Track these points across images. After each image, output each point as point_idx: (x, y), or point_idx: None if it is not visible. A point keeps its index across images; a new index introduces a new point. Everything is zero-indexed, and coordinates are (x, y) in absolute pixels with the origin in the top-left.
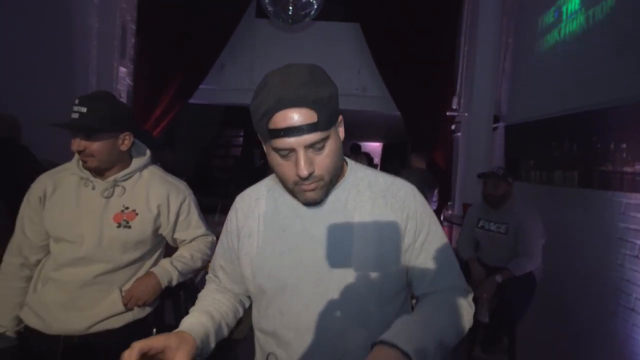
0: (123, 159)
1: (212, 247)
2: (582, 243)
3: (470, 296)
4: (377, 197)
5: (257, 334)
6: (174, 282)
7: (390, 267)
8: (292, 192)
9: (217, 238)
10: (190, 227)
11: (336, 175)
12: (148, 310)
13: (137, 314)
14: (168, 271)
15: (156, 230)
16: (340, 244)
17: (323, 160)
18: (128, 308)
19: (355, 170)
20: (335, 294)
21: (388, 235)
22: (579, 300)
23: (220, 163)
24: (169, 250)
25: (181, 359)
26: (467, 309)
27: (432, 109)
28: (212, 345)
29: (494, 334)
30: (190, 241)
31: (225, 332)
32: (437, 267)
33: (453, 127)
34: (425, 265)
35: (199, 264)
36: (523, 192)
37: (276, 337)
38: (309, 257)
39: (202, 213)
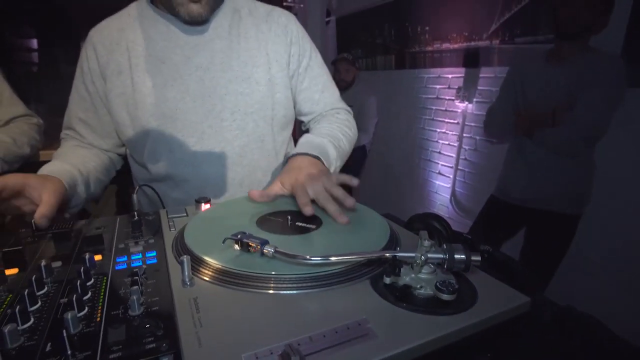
0: None
1: (40, 131)
2: (398, 114)
3: (351, 115)
4: (260, 23)
5: (145, 189)
6: None
7: (280, 90)
8: (174, 6)
9: None
10: (2, 104)
11: None
12: None
13: None
14: None
15: None
16: (229, 69)
17: None
18: None
19: None
20: (229, 121)
21: (275, 59)
22: (395, 158)
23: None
24: None
25: (49, 197)
26: (352, 122)
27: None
28: (83, 196)
29: None
30: (7, 122)
31: (98, 188)
32: (321, 90)
33: None
34: (310, 89)
35: (26, 150)
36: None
37: (170, 179)
38: (196, 87)
39: None
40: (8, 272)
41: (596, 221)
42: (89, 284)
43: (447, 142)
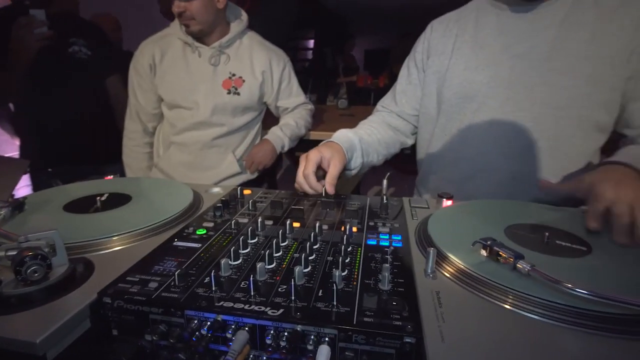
0: (221, 22)
1: (312, 115)
2: None
3: None
4: (604, 15)
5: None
6: (286, 148)
7: (604, 91)
8: None
9: None
10: (292, 95)
11: None
12: (256, 173)
13: (249, 175)
14: (280, 137)
15: (261, 97)
16: (547, 61)
17: None
18: (251, 171)
19: None
20: (524, 112)
21: (607, 54)
22: None
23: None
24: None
25: (335, 165)
26: None
27: None
28: (359, 160)
29: None
30: (292, 109)
31: (375, 159)
32: None
33: None
34: None
35: (303, 131)
36: None
37: (449, 158)
38: (505, 73)
39: None
40: (294, 224)
41: None
42: (348, 250)
43: None
